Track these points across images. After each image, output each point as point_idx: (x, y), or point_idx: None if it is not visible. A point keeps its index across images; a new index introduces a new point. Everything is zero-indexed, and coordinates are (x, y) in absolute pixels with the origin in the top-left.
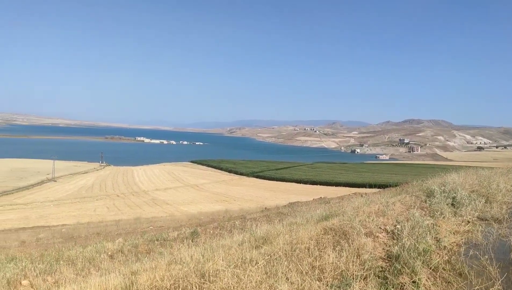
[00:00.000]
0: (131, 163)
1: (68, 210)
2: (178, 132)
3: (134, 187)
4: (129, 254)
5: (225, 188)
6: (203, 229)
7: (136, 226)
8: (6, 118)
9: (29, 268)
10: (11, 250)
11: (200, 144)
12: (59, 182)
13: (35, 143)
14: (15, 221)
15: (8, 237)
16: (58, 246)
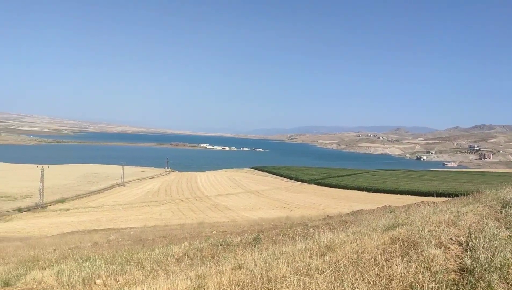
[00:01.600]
0: (194, 169)
1: (135, 213)
2: (239, 139)
3: (197, 192)
4: (194, 257)
5: (286, 195)
6: (265, 235)
7: (200, 231)
8: (80, 126)
9: (102, 268)
10: (85, 250)
11: (261, 151)
12: (128, 186)
13: (105, 149)
14: (88, 223)
15: (82, 238)
16: (128, 248)
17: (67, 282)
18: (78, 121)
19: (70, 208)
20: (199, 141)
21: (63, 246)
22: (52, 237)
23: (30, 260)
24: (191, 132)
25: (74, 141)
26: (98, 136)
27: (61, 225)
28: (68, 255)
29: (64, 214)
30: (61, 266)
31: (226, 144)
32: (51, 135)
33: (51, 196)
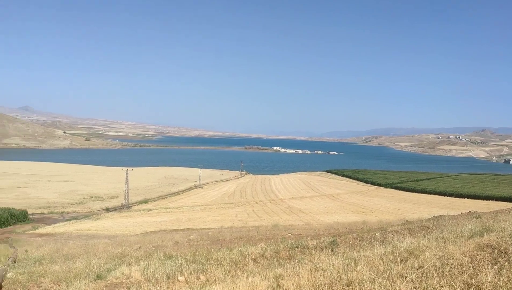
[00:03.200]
0: (268, 171)
1: (213, 214)
2: (312, 142)
3: (272, 195)
4: (271, 259)
5: (361, 199)
6: (342, 239)
7: (275, 233)
8: (161, 131)
9: (184, 266)
10: (167, 249)
11: (335, 154)
12: (205, 188)
13: (184, 152)
14: (169, 223)
15: (164, 237)
16: (207, 247)
17: (153, 277)
18: (158, 126)
19: (152, 208)
20: (272, 144)
21: (147, 244)
22: (137, 235)
23: (118, 256)
24: (264, 135)
25: (155, 145)
26: (177, 140)
27: (144, 225)
28: (152, 252)
29: (147, 214)
30: (146, 262)
31: (299, 147)
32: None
33: (135, 197)
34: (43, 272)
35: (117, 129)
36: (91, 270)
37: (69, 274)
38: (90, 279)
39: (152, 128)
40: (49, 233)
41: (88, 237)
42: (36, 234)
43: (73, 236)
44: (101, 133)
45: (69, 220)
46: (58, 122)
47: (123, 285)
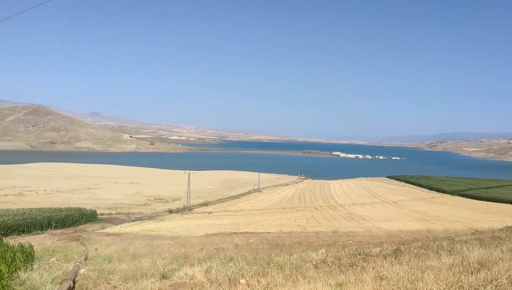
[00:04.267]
0: (327, 177)
1: (271, 219)
2: (373, 147)
3: (331, 200)
4: (332, 265)
5: (426, 206)
6: (406, 247)
7: (335, 239)
8: (221, 135)
9: (245, 269)
10: (228, 251)
11: (397, 159)
12: (263, 192)
13: (243, 156)
14: (228, 225)
15: (225, 239)
16: (267, 251)
17: (215, 279)
18: (218, 131)
19: (213, 211)
20: (332, 149)
21: (209, 246)
22: (198, 237)
23: (181, 257)
24: (323, 140)
25: (215, 149)
26: (236, 144)
27: (205, 227)
28: (213, 254)
29: (208, 216)
30: (208, 264)
31: (359, 152)
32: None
33: (196, 199)
34: (112, 270)
35: (180, 133)
36: (156, 270)
37: (136, 273)
38: (156, 279)
39: (213, 132)
40: (116, 233)
41: (152, 237)
42: (105, 233)
43: (138, 236)
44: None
45: (135, 221)
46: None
47: (187, 285)
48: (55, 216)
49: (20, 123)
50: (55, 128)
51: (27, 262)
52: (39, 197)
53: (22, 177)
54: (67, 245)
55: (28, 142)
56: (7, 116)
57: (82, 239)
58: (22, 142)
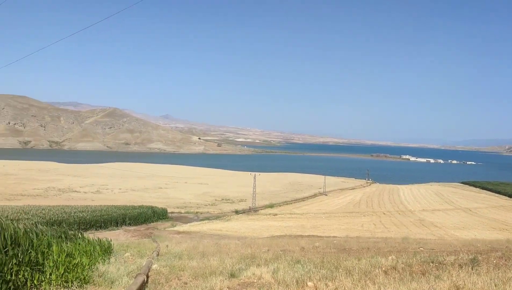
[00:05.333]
0: (396, 181)
1: (337, 223)
2: (446, 150)
3: (400, 206)
4: (403, 272)
5: (505, 215)
6: (484, 257)
7: (405, 246)
8: (286, 137)
9: (312, 272)
10: (294, 253)
11: (472, 164)
12: (329, 196)
13: (308, 159)
14: (294, 228)
15: (290, 241)
16: (334, 255)
17: (282, 280)
18: (284, 133)
19: (278, 213)
20: (401, 152)
21: (275, 248)
22: (264, 238)
23: (248, 257)
24: (392, 142)
25: (280, 151)
26: (301, 147)
27: (271, 228)
28: (279, 256)
29: (273, 218)
30: (275, 265)
31: (431, 155)
32: (261, 145)
33: (261, 201)
34: (182, 267)
35: (246, 135)
36: (224, 268)
37: (205, 270)
38: (224, 277)
39: (278, 135)
40: (185, 231)
41: (219, 237)
42: (175, 231)
43: (206, 235)
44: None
45: (203, 220)
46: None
47: (254, 285)
48: (129, 213)
49: (98, 125)
50: (129, 130)
51: (104, 256)
52: (115, 195)
53: (99, 176)
54: (140, 241)
55: (105, 143)
56: (87, 119)
57: (154, 236)
58: (100, 143)
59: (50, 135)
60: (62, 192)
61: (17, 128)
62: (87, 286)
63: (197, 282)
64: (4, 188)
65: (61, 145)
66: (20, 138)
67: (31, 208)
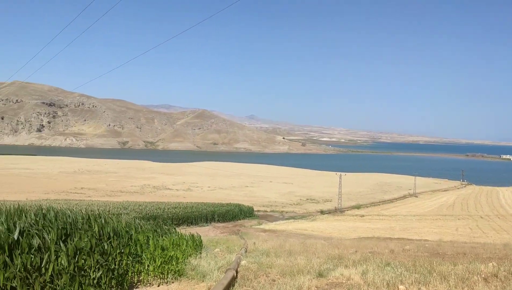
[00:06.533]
0: (495, 183)
1: (429, 226)
2: None
3: (500, 209)
4: (505, 280)
5: None
6: None
7: (506, 252)
8: (373, 136)
9: (404, 275)
10: (383, 256)
11: None
12: (420, 197)
13: (396, 159)
14: (382, 230)
15: (379, 244)
16: (426, 259)
17: (372, 282)
18: (370, 132)
19: (365, 214)
20: (501, 151)
21: (363, 249)
22: (351, 240)
23: (335, 257)
24: (489, 141)
25: (367, 151)
26: (389, 146)
27: (358, 230)
28: (368, 257)
29: (360, 219)
30: (364, 267)
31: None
32: (346, 145)
33: (347, 201)
34: (270, 264)
35: (330, 135)
36: (311, 268)
37: (293, 269)
38: (312, 276)
39: (364, 134)
40: (271, 229)
41: (305, 236)
42: (261, 229)
43: (292, 234)
44: (316, 139)
45: (288, 219)
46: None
47: (343, 285)
48: (217, 211)
49: (188, 126)
50: (217, 131)
51: (196, 251)
52: (204, 193)
53: (190, 174)
54: (228, 237)
55: (195, 143)
56: (178, 120)
57: (241, 233)
58: (190, 143)
59: (145, 136)
60: (157, 189)
61: (116, 129)
62: (181, 278)
63: (285, 280)
64: (106, 185)
65: (155, 145)
66: (119, 139)
67: (129, 203)
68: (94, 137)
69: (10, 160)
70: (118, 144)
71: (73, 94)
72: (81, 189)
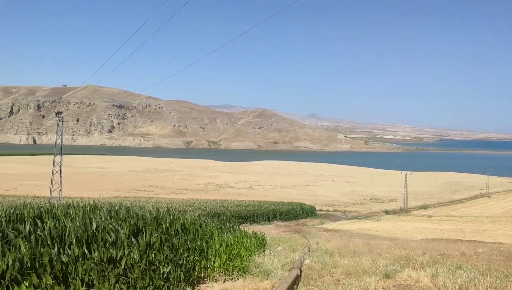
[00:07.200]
0: None
1: (504, 228)
2: None
3: None
4: None
5: None
6: None
7: None
8: (440, 134)
9: (478, 280)
10: (454, 258)
11: None
12: (493, 198)
13: (466, 157)
14: (451, 231)
15: (448, 246)
16: (502, 263)
17: (443, 286)
18: (437, 129)
19: (432, 215)
20: None
21: (431, 251)
22: (418, 241)
23: (402, 259)
24: None
25: (434, 149)
26: (458, 144)
27: (425, 231)
28: (437, 260)
29: (427, 220)
30: (434, 269)
31: None
32: (411, 143)
33: (413, 201)
34: (334, 264)
35: (395, 132)
36: (377, 269)
37: (358, 269)
38: (378, 277)
39: (431, 131)
40: (334, 229)
41: (369, 236)
42: (323, 228)
43: (355, 234)
44: (379, 137)
45: (351, 219)
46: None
47: (411, 287)
48: (279, 209)
49: (249, 126)
50: (277, 130)
51: (259, 249)
52: (265, 191)
53: (251, 173)
54: (291, 236)
55: (256, 142)
56: (239, 120)
57: (304, 232)
58: (251, 142)
59: (208, 136)
60: (220, 187)
61: (181, 129)
62: (245, 275)
63: (350, 280)
64: (172, 183)
65: (217, 144)
66: (183, 139)
67: (194, 201)
68: (161, 137)
69: (84, 160)
70: (183, 144)
71: (140, 96)
72: (149, 187)
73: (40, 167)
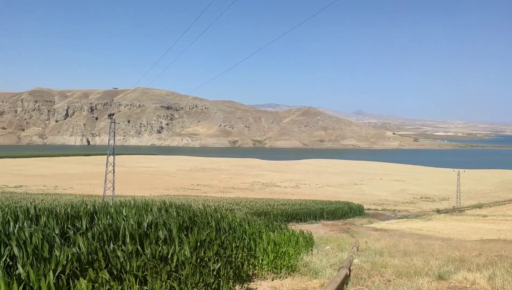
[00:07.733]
0: None
1: None
2: None
3: None
4: None
5: None
6: None
7: None
8: (495, 129)
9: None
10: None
11: None
12: None
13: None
14: (509, 232)
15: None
16: None
17: (501, 288)
18: (492, 125)
19: (488, 214)
20: None
21: (487, 252)
22: (472, 241)
23: (456, 260)
24: None
25: (489, 145)
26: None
27: (480, 231)
28: (494, 261)
29: (482, 220)
30: (491, 271)
31: None
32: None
33: (467, 200)
34: (384, 264)
35: (446, 129)
36: (430, 269)
37: (409, 270)
38: (431, 278)
39: (485, 126)
40: (383, 228)
41: (420, 236)
42: (372, 228)
43: (405, 234)
44: (429, 133)
45: (401, 218)
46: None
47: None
48: (326, 208)
49: (294, 124)
50: (323, 127)
51: (307, 248)
52: (312, 190)
53: (297, 172)
54: (339, 235)
55: (301, 140)
56: (284, 118)
57: (352, 231)
58: (296, 140)
59: (253, 135)
60: (266, 186)
61: (227, 129)
62: (294, 274)
63: (401, 281)
64: (219, 182)
65: (263, 143)
66: (229, 138)
67: (241, 200)
68: (207, 137)
69: (135, 160)
70: (229, 143)
71: (187, 97)
72: (197, 186)
73: (94, 167)
